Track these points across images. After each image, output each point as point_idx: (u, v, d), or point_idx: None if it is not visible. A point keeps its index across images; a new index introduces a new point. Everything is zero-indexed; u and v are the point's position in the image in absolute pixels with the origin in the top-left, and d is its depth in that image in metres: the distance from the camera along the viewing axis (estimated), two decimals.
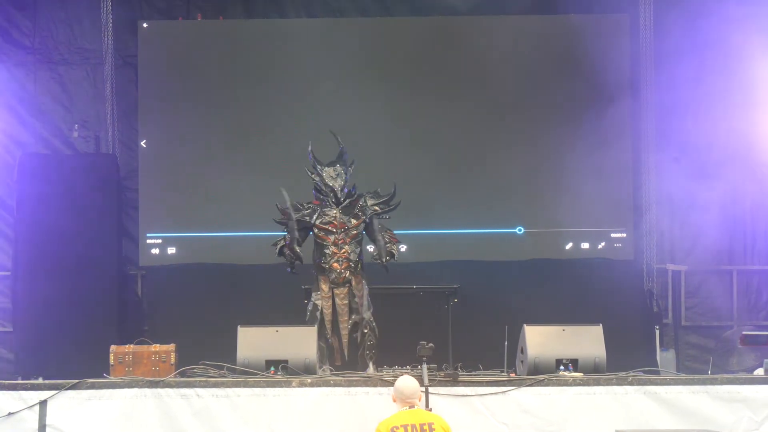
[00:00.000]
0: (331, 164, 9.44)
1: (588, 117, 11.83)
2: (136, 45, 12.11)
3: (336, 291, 9.25)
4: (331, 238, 9.26)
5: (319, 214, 9.32)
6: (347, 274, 9.23)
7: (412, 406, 7.13)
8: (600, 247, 12.01)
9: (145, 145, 12.01)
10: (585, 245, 12.00)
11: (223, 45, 12.10)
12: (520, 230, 11.95)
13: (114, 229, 11.50)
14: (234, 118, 12.04)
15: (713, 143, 11.93)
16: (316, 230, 9.31)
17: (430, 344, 8.33)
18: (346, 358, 9.23)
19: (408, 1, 12.13)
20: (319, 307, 9.24)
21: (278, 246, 9.34)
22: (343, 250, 9.23)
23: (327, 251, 9.25)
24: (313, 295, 9.34)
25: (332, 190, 9.37)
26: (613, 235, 12.02)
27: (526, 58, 11.96)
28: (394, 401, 7.23)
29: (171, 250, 11.93)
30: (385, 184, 9.47)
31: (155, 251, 11.94)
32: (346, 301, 9.25)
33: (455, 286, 10.55)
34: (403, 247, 11.80)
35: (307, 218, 9.32)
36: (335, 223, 9.28)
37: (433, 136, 11.99)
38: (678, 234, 12.15)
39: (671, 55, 11.93)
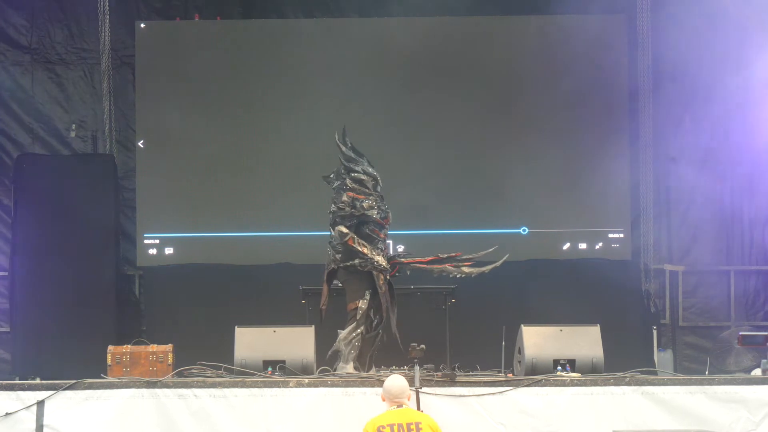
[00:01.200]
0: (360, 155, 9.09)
1: (586, 117, 11.85)
2: (134, 45, 12.10)
3: (384, 290, 8.90)
4: (383, 233, 8.99)
5: (377, 209, 8.92)
6: None
7: (400, 406, 7.13)
8: (597, 247, 12.01)
9: (142, 146, 12.00)
10: (582, 245, 12.00)
11: (220, 45, 12.09)
12: (524, 231, 11.95)
13: (111, 230, 11.49)
14: (232, 118, 12.03)
15: (711, 143, 11.94)
16: (372, 225, 8.93)
17: (422, 346, 8.33)
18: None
19: (407, 2, 12.12)
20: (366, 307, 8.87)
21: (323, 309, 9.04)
22: (386, 247, 9.00)
23: (381, 246, 8.90)
24: (368, 293, 8.89)
25: (376, 179, 9.00)
26: (610, 235, 12.02)
27: (525, 58, 11.96)
28: (383, 400, 7.24)
29: (169, 251, 11.93)
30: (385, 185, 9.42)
31: (153, 251, 11.93)
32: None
33: (453, 286, 10.53)
34: (400, 248, 11.82)
35: (369, 213, 8.88)
36: (389, 218, 9.00)
37: (432, 136, 11.98)
38: (675, 234, 12.16)
39: (669, 55, 11.93)
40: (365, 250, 8.84)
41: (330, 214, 9.08)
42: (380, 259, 8.85)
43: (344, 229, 8.88)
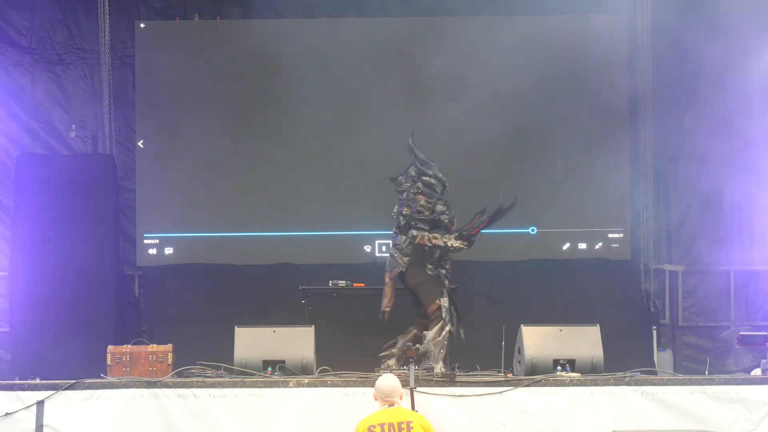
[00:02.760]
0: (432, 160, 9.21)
1: (585, 117, 11.84)
2: (134, 45, 12.10)
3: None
4: (451, 237, 9.12)
5: (447, 215, 9.08)
6: None
7: (391, 405, 7.14)
8: (597, 247, 12.01)
9: (142, 146, 12.01)
10: (582, 245, 12.00)
11: (220, 45, 12.08)
12: (533, 230, 11.95)
13: (111, 230, 11.48)
14: (231, 118, 12.03)
15: (710, 143, 11.94)
16: (441, 230, 9.05)
17: (417, 345, 8.36)
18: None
19: (407, 2, 12.11)
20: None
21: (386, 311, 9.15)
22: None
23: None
24: (445, 291, 9.04)
25: (444, 184, 9.15)
26: (610, 235, 12.02)
27: (524, 58, 11.95)
28: (376, 400, 7.25)
29: (168, 251, 11.93)
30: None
31: (152, 251, 11.93)
32: None
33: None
34: None
35: (441, 217, 9.04)
36: (454, 223, 9.13)
37: (433, 135, 11.97)
38: (675, 234, 12.15)
39: (669, 55, 11.94)
40: (437, 242, 8.93)
41: (400, 216, 9.14)
42: (453, 242, 8.95)
43: (415, 231, 9.01)
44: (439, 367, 8.69)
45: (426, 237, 8.97)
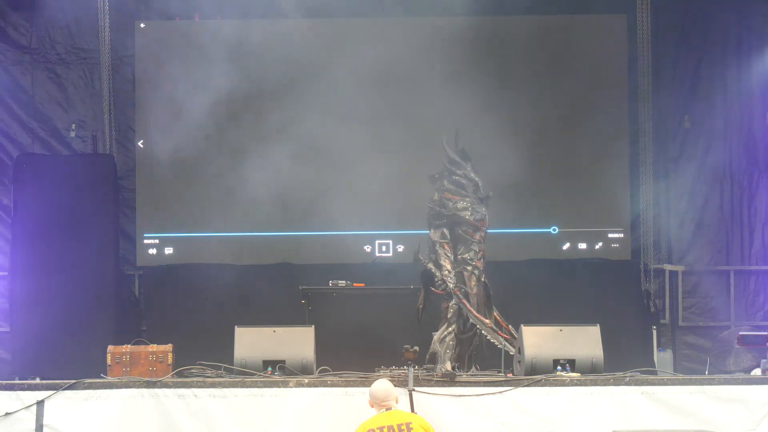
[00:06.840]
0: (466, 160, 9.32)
1: (586, 117, 11.84)
2: (134, 45, 12.11)
3: (476, 291, 9.11)
4: (478, 235, 9.17)
5: (471, 211, 9.18)
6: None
7: (388, 409, 7.14)
8: (597, 247, 12.01)
9: (142, 146, 12.01)
10: (582, 245, 12.00)
11: (220, 45, 12.07)
12: (554, 230, 11.95)
13: (111, 230, 11.48)
14: (231, 118, 12.03)
15: (711, 143, 11.94)
16: (464, 226, 9.16)
17: (415, 347, 8.37)
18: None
19: (407, 2, 12.10)
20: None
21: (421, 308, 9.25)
22: (483, 249, 9.19)
23: (474, 248, 9.15)
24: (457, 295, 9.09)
25: (477, 184, 9.23)
26: (610, 235, 12.02)
27: (524, 58, 11.96)
28: (372, 406, 7.24)
29: (168, 251, 11.94)
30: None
31: (152, 251, 11.94)
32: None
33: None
34: (400, 248, 11.82)
35: (462, 213, 9.14)
36: (485, 220, 9.19)
37: (432, 135, 11.97)
38: (675, 234, 12.15)
39: (669, 55, 11.95)
40: (437, 273, 9.10)
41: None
42: (448, 281, 9.05)
43: (437, 237, 9.14)
44: (447, 367, 8.70)
45: (436, 263, 9.13)
